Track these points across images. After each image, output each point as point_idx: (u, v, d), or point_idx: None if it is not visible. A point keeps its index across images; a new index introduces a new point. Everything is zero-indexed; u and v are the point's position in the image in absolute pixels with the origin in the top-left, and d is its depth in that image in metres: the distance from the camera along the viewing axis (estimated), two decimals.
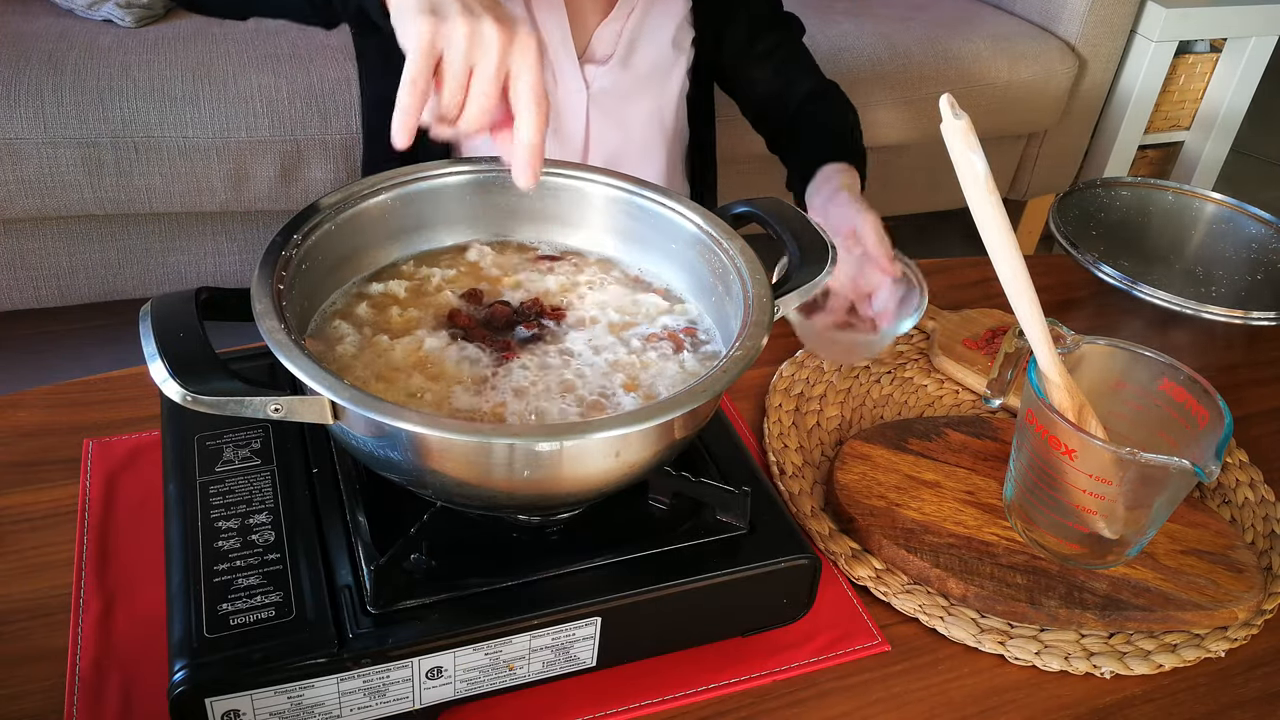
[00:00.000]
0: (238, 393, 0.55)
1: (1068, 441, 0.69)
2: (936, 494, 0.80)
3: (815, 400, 0.92)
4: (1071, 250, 1.08)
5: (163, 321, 0.59)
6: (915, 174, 2.31)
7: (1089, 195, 1.22)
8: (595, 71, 1.08)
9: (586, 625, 0.62)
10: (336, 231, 0.71)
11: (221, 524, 0.63)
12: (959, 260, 1.17)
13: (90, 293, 1.86)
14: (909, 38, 2.13)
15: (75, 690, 0.63)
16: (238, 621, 0.58)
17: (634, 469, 0.61)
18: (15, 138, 1.61)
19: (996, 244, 0.69)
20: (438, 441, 0.56)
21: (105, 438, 0.81)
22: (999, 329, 1.01)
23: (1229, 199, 1.21)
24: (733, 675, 0.68)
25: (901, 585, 0.75)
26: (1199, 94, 2.52)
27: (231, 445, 0.69)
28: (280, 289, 0.63)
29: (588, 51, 1.08)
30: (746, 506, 0.67)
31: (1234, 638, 0.74)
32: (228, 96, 1.69)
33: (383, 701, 0.59)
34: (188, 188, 1.73)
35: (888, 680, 0.70)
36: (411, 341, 0.69)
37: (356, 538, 0.63)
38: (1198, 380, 0.73)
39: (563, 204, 0.79)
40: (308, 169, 1.77)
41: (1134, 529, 0.72)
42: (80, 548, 0.72)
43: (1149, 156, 2.61)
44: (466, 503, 0.64)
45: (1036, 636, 0.73)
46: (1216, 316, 1.01)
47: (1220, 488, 0.88)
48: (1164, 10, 2.26)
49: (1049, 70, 2.22)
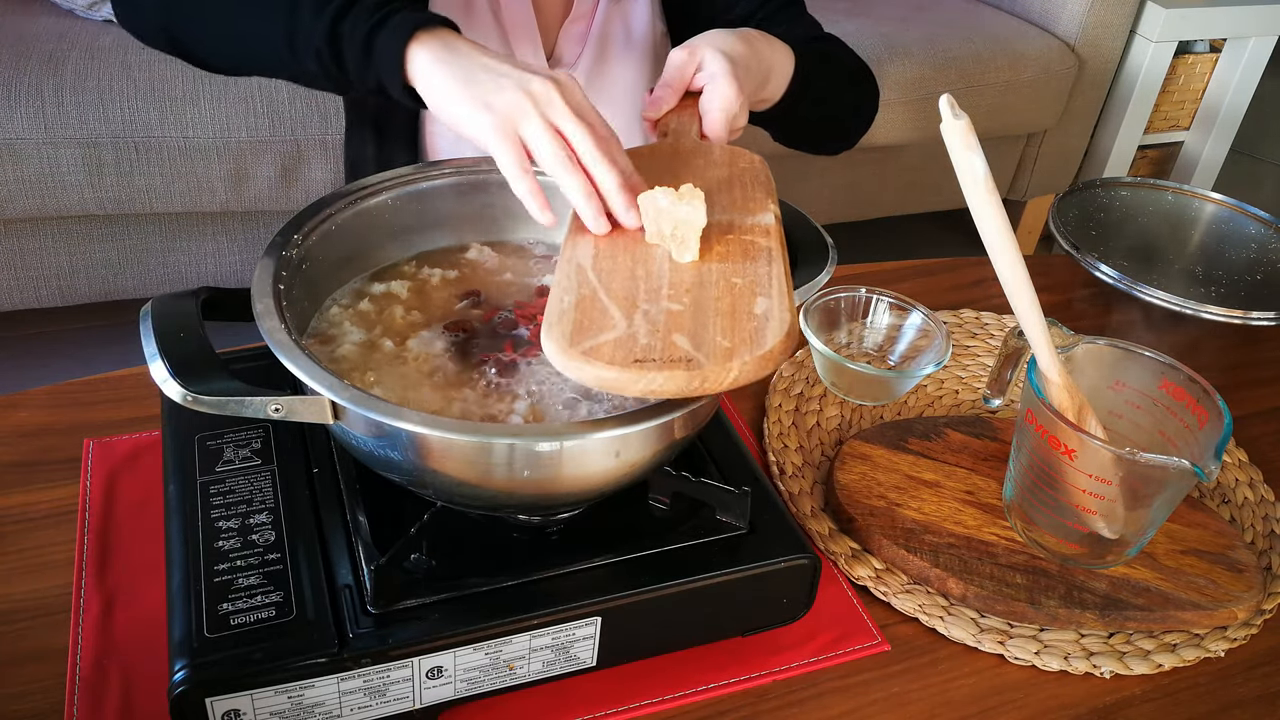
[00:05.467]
0: (238, 393, 0.55)
1: (1067, 441, 0.69)
2: (936, 494, 0.80)
3: (815, 400, 0.92)
4: (1071, 250, 1.08)
5: (163, 321, 0.59)
6: (915, 174, 2.31)
7: (1089, 195, 1.22)
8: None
9: (586, 625, 0.62)
10: (336, 231, 0.71)
11: (222, 524, 0.63)
12: (959, 260, 1.17)
13: (90, 293, 1.86)
14: (909, 38, 2.14)
15: (75, 690, 0.63)
16: (238, 621, 0.58)
17: (634, 469, 0.61)
18: (15, 138, 1.61)
19: (996, 244, 0.69)
20: (438, 441, 0.56)
21: (106, 438, 0.81)
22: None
23: (1229, 199, 1.21)
24: (733, 675, 0.68)
25: (901, 585, 0.75)
26: (1199, 94, 2.52)
27: (232, 445, 0.69)
28: (280, 289, 0.63)
29: (554, 55, 1.04)
30: (746, 506, 0.67)
31: (1233, 638, 0.74)
32: (228, 96, 1.69)
33: (383, 701, 0.59)
34: (188, 188, 1.73)
35: (888, 680, 0.70)
36: (413, 342, 0.69)
37: (357, 538, 0.63)
38: (1197, 380, 0.73)
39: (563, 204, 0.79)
40: (308, 169, 1.78)
41: (1134, 529, 0.73)
42: (81, 548, 0.72)
43: (1149, 156, 2.61)
44: (467, 503, 0.64)
45: (1036, 636, 0.73)
46: (1216, 316, 1.01)
47: (1220, 487, 0.88)
48: (1164, 10, 2.26)
49: (1049, 70, 2.22)
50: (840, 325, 0.96)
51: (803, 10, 1.11)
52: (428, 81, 0.69)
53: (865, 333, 0.97)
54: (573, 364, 0.56)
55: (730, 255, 0.64)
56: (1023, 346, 0.82)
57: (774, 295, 0.60)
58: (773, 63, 0.88)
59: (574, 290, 0.60)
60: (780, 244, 0.65)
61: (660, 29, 1.08)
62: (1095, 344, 0.76)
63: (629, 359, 0.55)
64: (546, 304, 0.60)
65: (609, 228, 0.66)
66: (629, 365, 0.55)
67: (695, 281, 0.61)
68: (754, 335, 0.57)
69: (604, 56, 1.05)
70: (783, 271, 0.62)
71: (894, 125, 2.11)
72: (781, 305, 0.59)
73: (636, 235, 0.65)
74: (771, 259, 0.63)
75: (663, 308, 0.59)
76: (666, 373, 0.55)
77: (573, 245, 0.64)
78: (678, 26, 1.08)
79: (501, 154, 0.66)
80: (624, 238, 0.65)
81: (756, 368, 0.56)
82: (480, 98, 0.67)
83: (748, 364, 0.55)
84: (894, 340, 0.96)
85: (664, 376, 0.54)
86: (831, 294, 0.95)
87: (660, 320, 0.58)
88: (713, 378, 0.55)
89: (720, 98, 0.78)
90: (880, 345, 0.97)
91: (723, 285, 0.61)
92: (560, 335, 0.57)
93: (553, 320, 0.58)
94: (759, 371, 0.56)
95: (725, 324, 0.58)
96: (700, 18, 1.04)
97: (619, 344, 0.56)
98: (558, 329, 0.57)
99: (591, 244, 0.64)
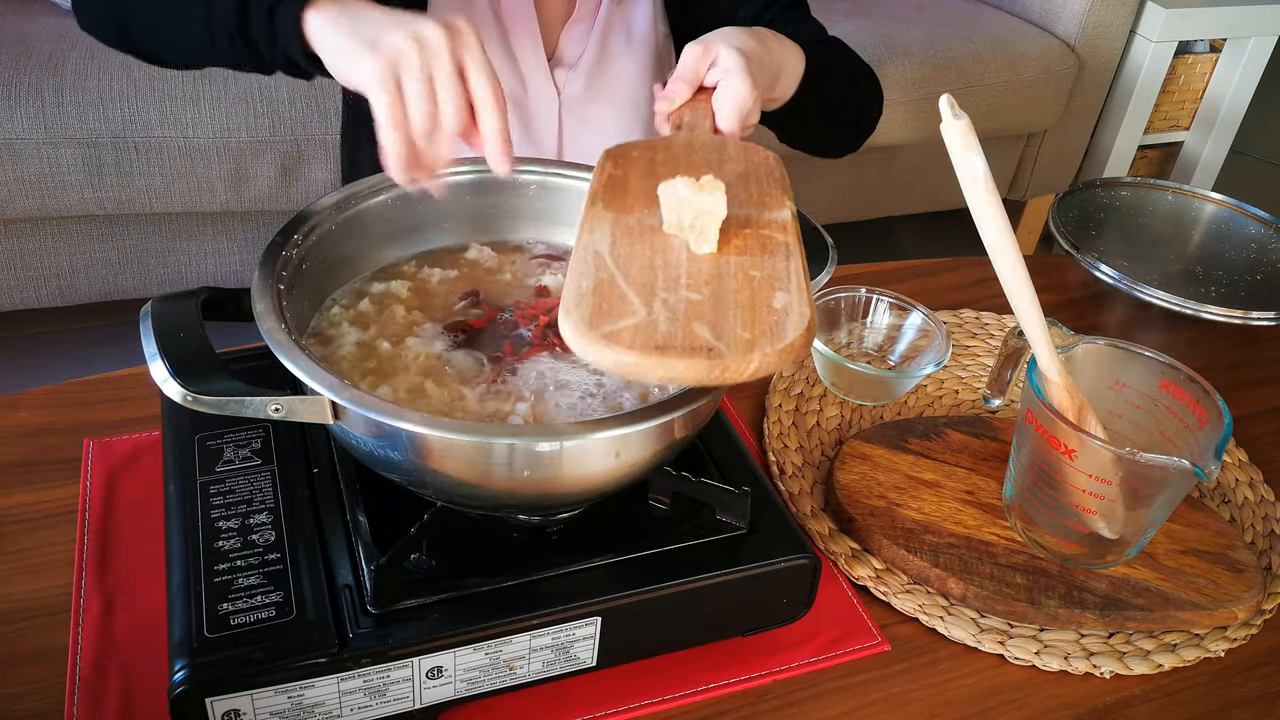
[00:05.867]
0: (238, 393, 0.55)
1: (1067, 441, 0.69)
2: (936, 494, 0.80)
3: (815, 400, 0.92)
4: (1071, 250, 1.08)
5: (163, 321, 0.59)
6: (915, 174, 2.31)
7: (1089, 195, 1.22)
8: (565, 76, 1.04)
9: (586, 625, 0.62)
10: (336, 231, 0.71)
11: (222, 524, 0.63)
12: (959, 260, 1.17)
13: (90, 293, 1.86)
14: (909, 38, 2.14)
15: (75, 690, 0.63)
16: (238, 621, 0.58)
17: (634, 469, 0.61)
18: (15, 138, 1.61)
19: (996, 244, 0.69)
20: (438, 441, 0.56)
21: (106, 438, 0.81)
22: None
23: (1229, 199, 1.21)
24: (733, 675, 0.68)
25: (901, 585, 0.75)
26: (1199, 94, 2.52)
27: (232, 445, 0.69)
28: (280, 289, 0.63)
29: (555, 55, 1.04)
30: (746, 506, 0.67)
31: (1233, 638, 0.74)
32: (228, 96, 1.69)
33: (383, 701, 0.59)
34: (188, 188, 1.73)
35: (887, 680, 0.70)
36: (413, 343, 0.69)
37: (356, 538, 0.63)
38: (1197, 380, 0.73)
39: (562, 204, 0.79)
40: (308, 169, 1.78)
41: (1134, 529, 0.73)
42: (81, 547, 0.72)
43: (1149, 156, 2.61)
44: (467, 503, 0.64)
45: (1036, 636, 0.73)
46: (1216, 316, 1.01)
47: (1220, 487, 0.88)
48: (1164, 10, 2.26)
49: (1049, 70, 2.22)
50: (840, 325, 0.96)
51: (807, 13, 1.11)
52: (321, 40, 0.69)
53: (865, 333, 0.97)
54: (592, 347, 0.55)
55: (748, 249, 0.63)
56: (1023, 346, 0.82)
57: (793, 290, 0.60)
58: (784, 61, 0.87)
59: (592, 275, 0.60)
60: (797, 239, 0.65)
61: (663, 31, 1.08)
62: (1095, 344, 0.76)
63: (650, 345, 0.54)
64: (563, 289, 0.59)
65: (413, 184, 0.66)
66: (650, 351, 0.54)
67: (713, 273, 0.61)
68: (774, 328, 0.56)
69: (605, 57, 1.05)
70: (800, 267, 0.62)
71: (894, 125, 2.11)
72: (801, 300, 0.59)
73: (654, 225, 0.65)
74: (790, 254, 0.63)
75: (682, 296, 0.59)
76: (688, 360, 0.54)
77: (589, 232, 0.64)
78: (681, 29, 1.08)
79: (377, 102, 0.64)
80: (641, 226, 0.65)
81: (777, 360, 0.55)
82: (366, 40, 0.65)
83: (769, 356, 0.55)
84: (894, 340, 0.96)
85: (685, 364, 0.54)
86: (831, 294, 0.95)
87: (680, 309, 0.58)
88: (734, 367, 0.54)
89: (734, 94, 0.77)
90: (880, 345, 0.97)
91: (741, 278, 0.61)
92: (579, 319, 0.56)
93: (570, 304, 0.57)
94: (779, 364, 0.55)
95: (745, 316, 0.57)
96: (704, 20, 1.04)
97: (639, 329, 0.55)
98: (576, 313, 0.56)
99: (609, 232, 0.64)
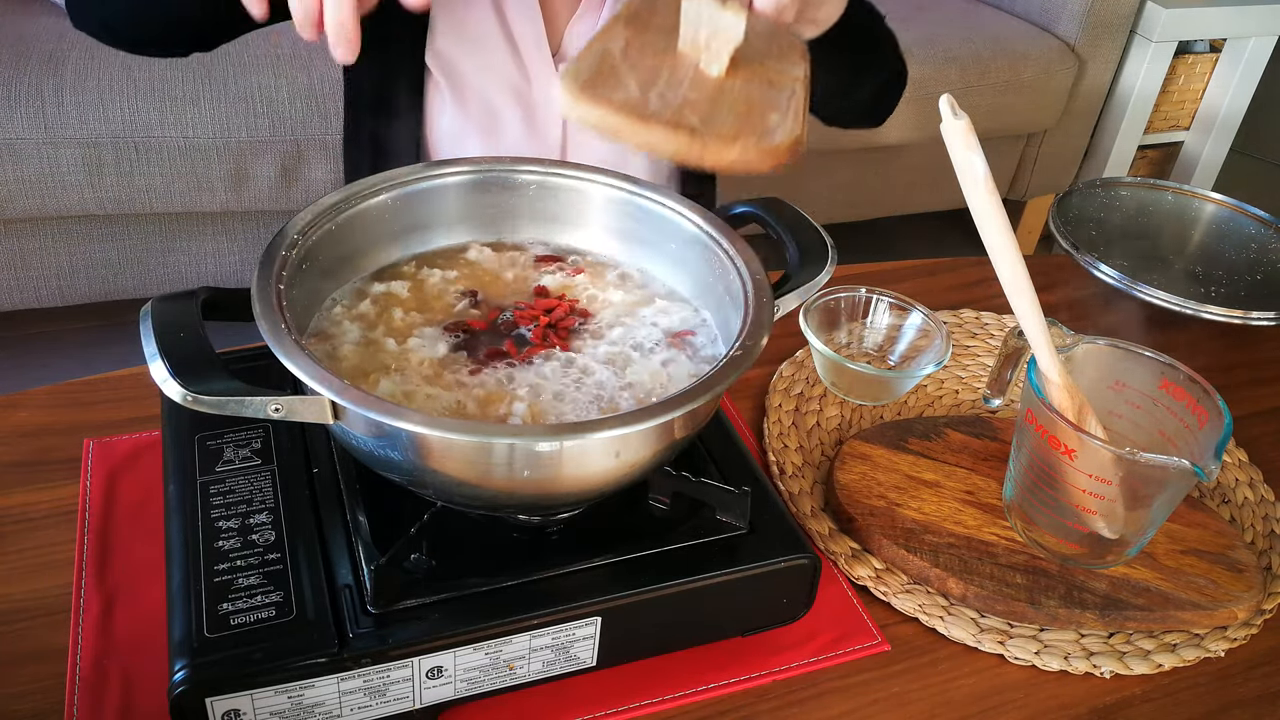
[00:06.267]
0: (238, 393, 0.55)
1: (1067, 441, 0.69)
2: (936, 494, 0.80)
3: (815, 400, 0.92)
4: (1071, 250, 1.08)
5: (163, 321, 0.59)
6: (915, 174, 2.31)
7: (1089, 195, 1.22)
8: None
9: (586, 625, 0.62)
10: (336, 231, 0.71)
11: (222, 524, 0.63)
12: (959, 260, 1.17)
13: (90, 293, 1.86)
14: (909, 38, 2.12)
15: (75, 690, 0.63)
16: (238, 621, 0.58)
17: (634, 469, 0.61)
18: (15, 138, 1.62)
19: (996, 244, 0.69)
20: (438, 441, 0.56)
21: (106, 438, 0.81)
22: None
23: (1229, 199, 1.21)
24: (733, 675, 0.68)
25: (901, 585, 0.75)
26: (1199, 94, 2.52)
27: (232, 445, 0.69)
28: (280, 289, 0.63)
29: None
30: (746, 506, 0.67)
31: (1233, 638, 0.74)
32: (228, 96, 1.69)
33: (383, 701, 0.60)
34: (188, 188, 1.74)
35: (888, 680, 0.70)
36: (413, 343, 0.69)
37: (356, 537, 0.63)
38: (1197, 380, 0.73)
39: (562, 204, 0.79)
40: (308, 169, 1.78)
41: (1134, 529, 0.73)
42: (80, 547, 0.72)
43: (1149, 157, 2.62)
44: (467, 503, 0.64)
45: (1036, 636, 0.73)
46: (1216, 316, 1.01)
47: (1220, 487, 0.88)
48: (1164, 10, 2.26)
49: (1048, 70, 2.22)
50: (840, 325, 0.96)
51: None
52: None
53: (865, 333, 0.97)
54: (581, 104, 0.56)
55: (755, 80, 0.64)
56: (1023, 346, 0.82)
57: (789, 114, 0.60)
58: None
59: (598, 61, 0.61)
60: (805, 88, 0.65)
61: None
62: (1095, 344, 0.76)
63: (636, 111, 0.56)
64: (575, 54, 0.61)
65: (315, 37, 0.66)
66: (634, 116, 0.55)
67: (715, 89, 0.61)
68: (763, 131, 0.57)
69: None
70: (802, 103, 0.62)
71: (894, 125, 2.11)
72: (795, 122, 0.59)
73: (671, 42, 0.65)
74: (794, 93, 0.63)
75: (680, 95, 0.60)
76: (670, 133, 0.55)
77: (603, 40, 0.65)
78: None
79: None
80: (656, 46, 0.65)
81: (759, 157, 0.55)
82: None
83: (750, 149, 0.55)
84: (894, 340, 0.96)
85: (665, 135, 0.55)
86: (831, 294, 0.95)
87: (674, 102, 0.59)
88: (713, 149, 0.55)
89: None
90: (880, 345, 0.97)
91: (741, 97, 0.61)
92: (574, 76, 0.57)
93: (570, 67, 0.59)
94: (760, 163, 0.56)
95: (737, 119, 0.58)
96: None
97: (630, 101, 0.57)
98: (573, 70, 0.58)
99: (624, 39, 0.65)
